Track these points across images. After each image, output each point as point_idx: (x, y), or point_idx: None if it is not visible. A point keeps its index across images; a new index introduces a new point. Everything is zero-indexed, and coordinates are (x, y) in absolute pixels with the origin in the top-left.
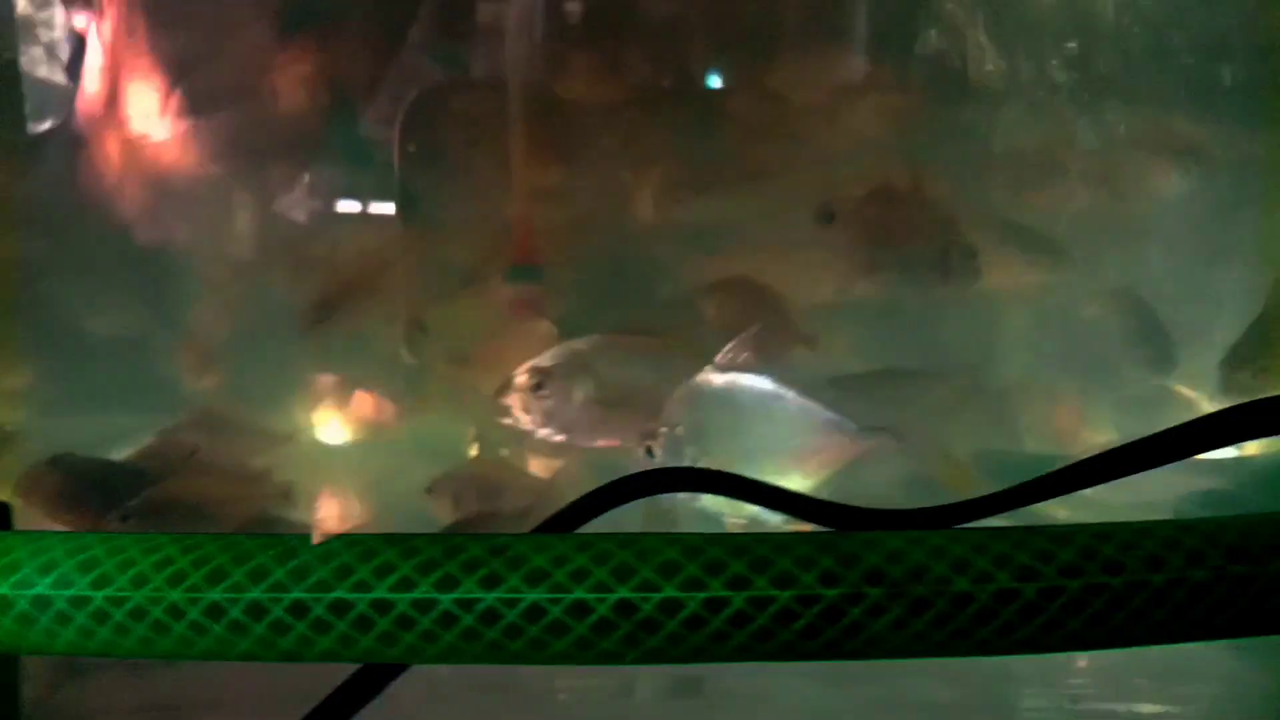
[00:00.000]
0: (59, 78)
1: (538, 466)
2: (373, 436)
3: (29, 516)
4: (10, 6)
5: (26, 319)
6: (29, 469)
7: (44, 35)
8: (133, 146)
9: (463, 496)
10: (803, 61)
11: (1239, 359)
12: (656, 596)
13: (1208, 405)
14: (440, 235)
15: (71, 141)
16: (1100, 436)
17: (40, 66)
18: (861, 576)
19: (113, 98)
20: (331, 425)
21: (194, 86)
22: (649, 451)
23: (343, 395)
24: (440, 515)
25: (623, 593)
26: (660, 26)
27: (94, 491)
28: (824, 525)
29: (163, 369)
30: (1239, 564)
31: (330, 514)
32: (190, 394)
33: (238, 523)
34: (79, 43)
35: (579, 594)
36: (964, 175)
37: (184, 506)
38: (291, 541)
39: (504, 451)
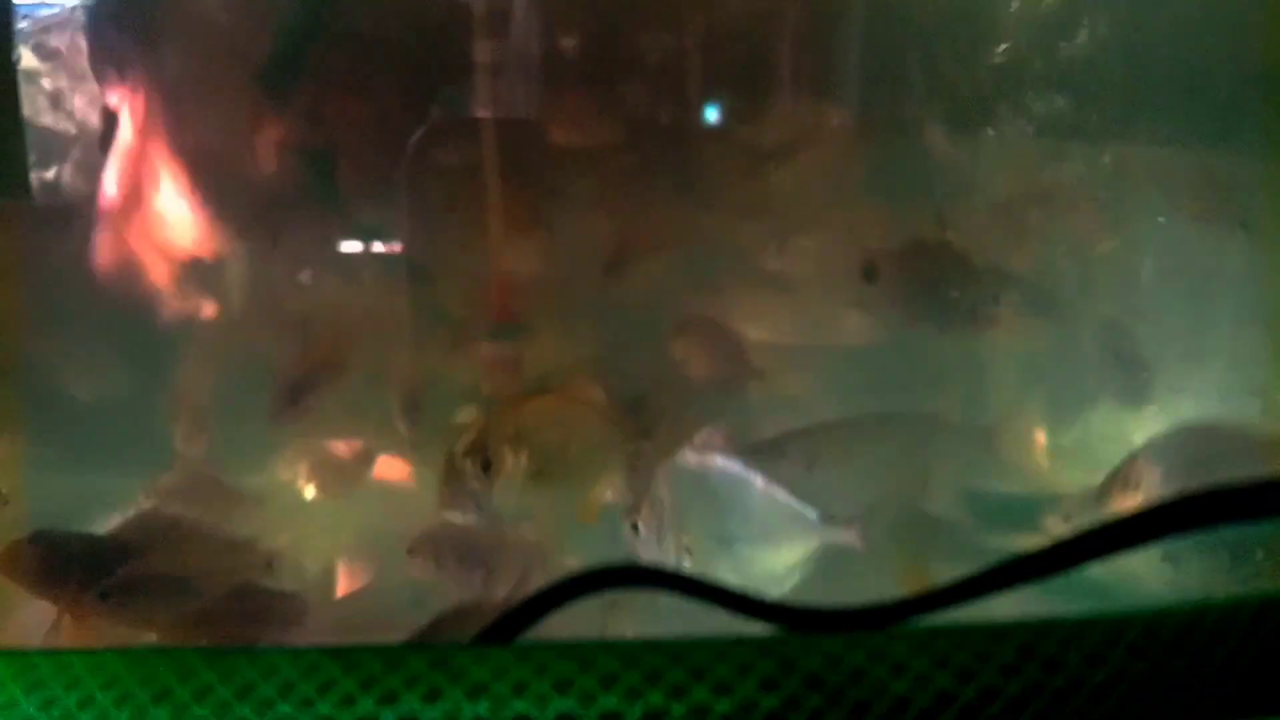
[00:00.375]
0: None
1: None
2: (364, 494)
3: (11, 593)
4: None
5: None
6: (9, 545)
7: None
8: (141, 218)
9: (443, 556)
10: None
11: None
12: (596, 709)
13: None
14: (429, 295)
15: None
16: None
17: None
18: (800, 682)
19: (132, 174)
20: (313, 484)
21: (194, 156)
22: (634, 528)
23: (326, 454)
24: (422, 575)
25: (563, 705)
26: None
27: (75, 567)
28: (775, 624)
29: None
30: (1179, 658)
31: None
32: (177, 456)
33: (220, 594)
34: (111, 119)
35: (520, 707)
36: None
37: (165, 581)
38: (234, 655)
39: None
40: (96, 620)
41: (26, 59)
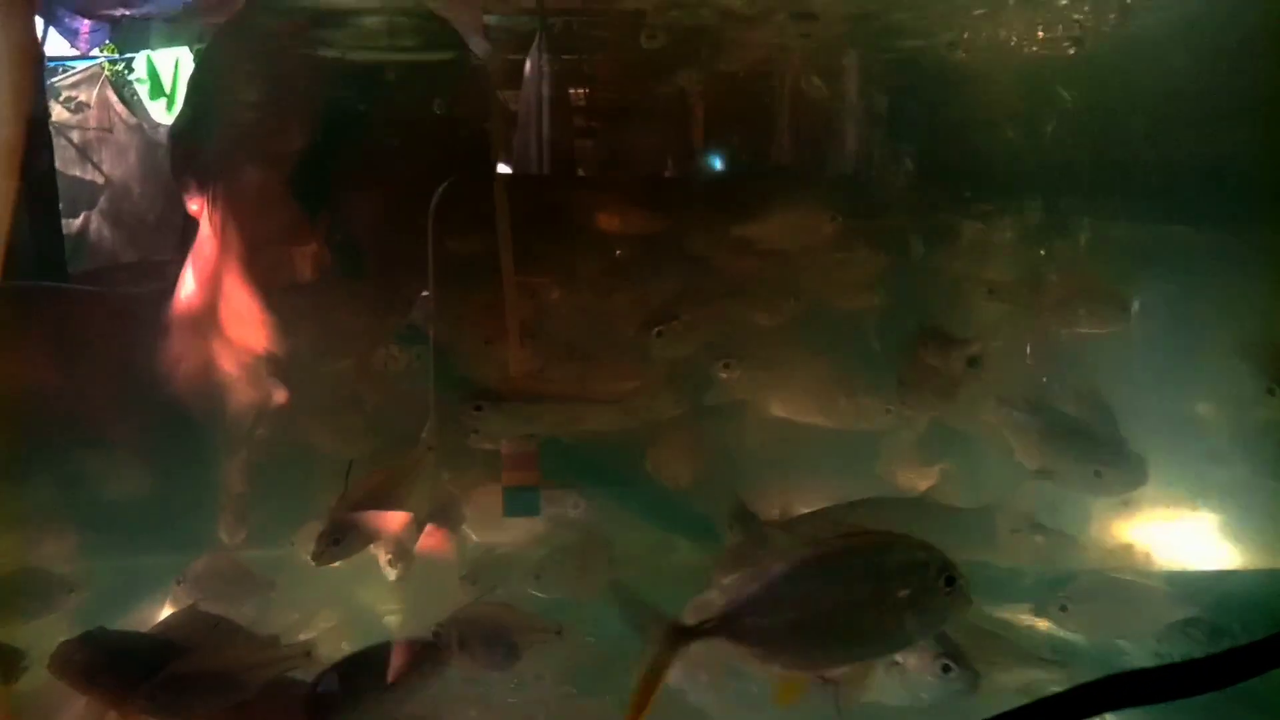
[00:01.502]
0: None
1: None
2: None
3: (62, 690)
4: None
5: None
6: (60, 646)
7: None
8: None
9: (468, 638)
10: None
11: None
12: None
13: None
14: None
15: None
16: None
17: None
18: None
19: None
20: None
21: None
22: None
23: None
24: (447, 658)
25: None
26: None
27: (123, 666)
28: None
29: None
30: None
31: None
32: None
33: (259, 687)
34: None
35: None
36: None
37: (207, 678)
38: None
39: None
40: (142, 717)
41: None
